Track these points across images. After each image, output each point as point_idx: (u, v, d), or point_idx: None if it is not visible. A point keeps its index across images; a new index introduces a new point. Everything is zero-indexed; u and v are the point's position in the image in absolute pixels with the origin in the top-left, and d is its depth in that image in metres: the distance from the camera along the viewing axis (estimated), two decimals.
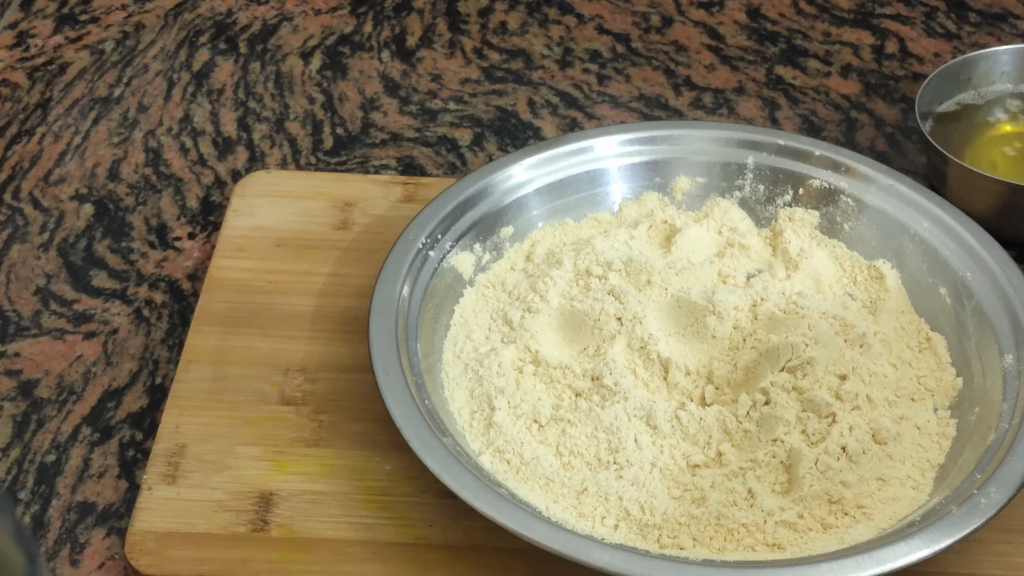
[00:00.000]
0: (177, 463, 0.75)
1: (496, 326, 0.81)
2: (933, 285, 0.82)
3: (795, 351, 0.77)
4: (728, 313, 0.80)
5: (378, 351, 0.75)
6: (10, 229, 0.91)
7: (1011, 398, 0.75)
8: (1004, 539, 0.72)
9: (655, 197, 0.88)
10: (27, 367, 0.82)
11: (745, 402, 0.76)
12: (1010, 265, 0.80)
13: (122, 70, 1.03)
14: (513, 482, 0.73)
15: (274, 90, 1.02)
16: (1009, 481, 0.70)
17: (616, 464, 0.73)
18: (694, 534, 0.71)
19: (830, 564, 0.67)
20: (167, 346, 0.84)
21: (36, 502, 0.75)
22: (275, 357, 0.80)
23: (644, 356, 0.78)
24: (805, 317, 0.80)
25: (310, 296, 0.84)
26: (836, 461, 0.73)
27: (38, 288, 0.87)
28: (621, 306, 0.80)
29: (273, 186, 0.91)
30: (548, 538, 0.67)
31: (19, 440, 0.78)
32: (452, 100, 1.01)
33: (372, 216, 0.89)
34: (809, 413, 0.75)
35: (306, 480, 0.74)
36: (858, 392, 0.76)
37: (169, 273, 0.88)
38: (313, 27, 1.08)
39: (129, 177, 0.95)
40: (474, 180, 0.85)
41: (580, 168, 0.87)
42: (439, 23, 1.08)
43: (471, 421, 0.76)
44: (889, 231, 0.85)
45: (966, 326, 0.80)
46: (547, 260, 0.84)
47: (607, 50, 1.06)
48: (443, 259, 0.82)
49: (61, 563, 0.73)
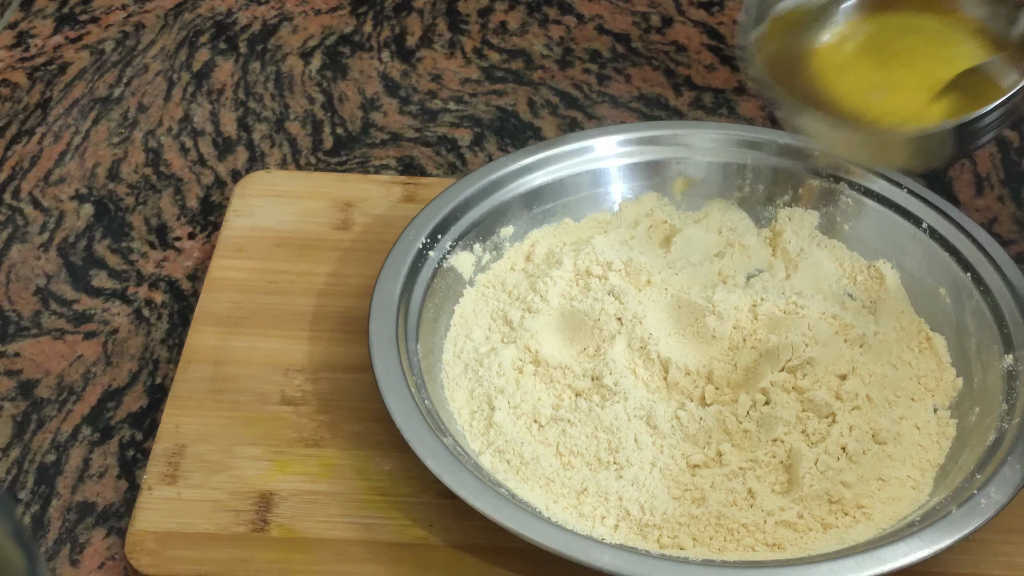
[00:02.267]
0: (177, 463, 0.75)
1: (496, 326, 0.81)
2: (933, 285, 0.82)
3: (795, 351, 0.77)
4: (728, 313, 0.80)
5: (378, 351, 0.75)
6: (10, 229, 0.91)
7: (1011, 398, 0.75)
8: (1004, 539, 0.72)
9: (655, 197, 0.88)
10: (27, 367, 0.82)
11: (745, 402, 0.76)
12: (1010, 265, 0.80)
13: (122, 70, 1.03)
14: (513, 482, 0.73)
15: (274, 90, 1.02)
16: (1009, 481, 0.70)
17: (616, 464, 0.73)
18: (694, 534, 0.71)
19: (830, 564, 0.67)
20: (167, 346, 0.84)
21: (36, 502, 0.75)
22: (275, 357, 0.80)
23: (644, 356, 0.78)
24: (805, 317, 0.80)
25: (310, 296, 0.84)
26: (836, 461, 0.73)
27: (38, 288, 0.87)
28: (621, 306, 0.80)
29: (273, 186, 0.91)
30: (548, 538, 0.67)
31: (19, 440, 0.78)
32: (452, 100, 1.01)
33: (372, 216, 0.89)
34: (809, 413, 0.75)
35: (306, 480, 0.74)
36: (858, 392, 0.76)
37: (169, 273, 0.88)
38: (313, 27, 1.08)
39: (129, 177, 0.95)
40: (474, 180, 0.85)
41: (580, 168, 0.87)
42: (439, 23, 1.08)
43: (471, 421, 0.76)
44: (889, 231, 0.85)
45: (966, 326, 0.80)
46: (547, 260, 0.84)
47: (607, 50, 1.06)
48: (443, 259, 0.82)
49: (61, 563, 0.73)
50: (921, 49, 0.80)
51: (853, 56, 0.81)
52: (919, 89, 0.78)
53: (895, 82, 0.79)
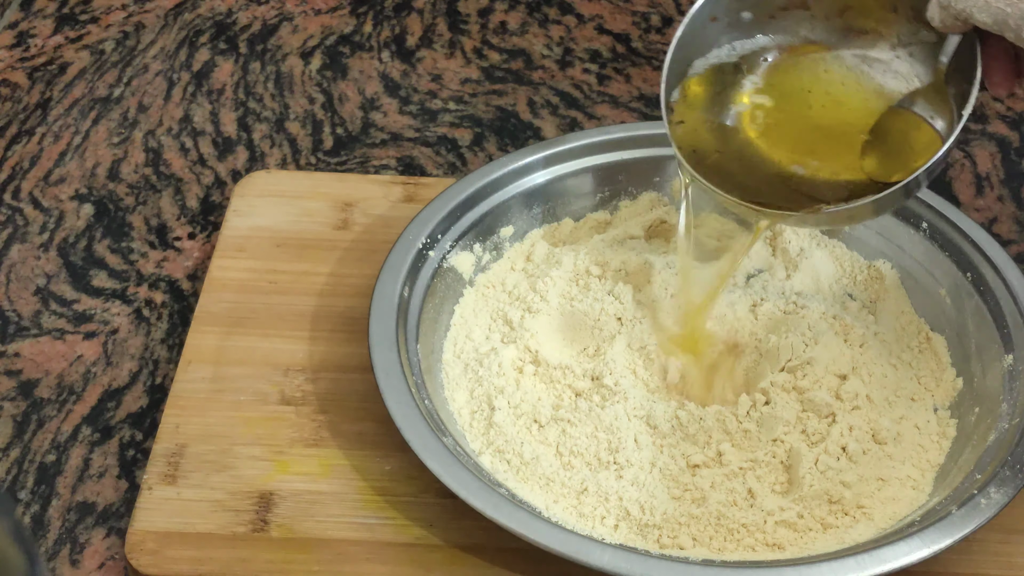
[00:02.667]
0: (177, 463, 0.75)
1: (496, 326, 0.81)
2: (933, 285, 0.82)
3: (795, 351, 0.77)
4: (728, 313, 0.80)
5: (378, 351, 0.75)
6: (10, 229, 0.91)
7: (1011, 398, 0.75)
8: (1004, 539, 0.72)
9: (655, 197, 0.88)
10: (27, 367, 0.82)
11: (745, 402, 0.76)
12: (1010, 265, 0.80)
13: (122, 70, 1.03)
14: (513, 482, 0.73)
15: (274, 90, 1.02)
16: (1009, 481, 0.70)
17: (616, 464, 0.73)
18: (694, 534, 0.71)
19: (830, 564, 0.67)
20: (167, 346, 0.84)
21: (36, 502, 0.75)
22: (275, 357, 0.80)
23: (644, 356, 0.78)
24: (805, 317, 0.80)
25: (310, 296, 0.84)
26: (836, 461, 0.73)
27: (38, 288, 0.87)
28: (621, 306, 0.80)
29: (273, 186, 0.91)
30: (548, 538, 0.67)
31: (19, 440, 0.78)
32: (452, 100, 1.01)
33: (372, 216, 0.89)
34: (809, 413, 0.75)
35: (306, 480, 0.74)
36: (858, 392, 0.76)
37: (169, 273, 0.88)
38: (313, 27, 1.08)
39: (129, 177, 0.95)
40: (474, 180, 0.85)
41: (580, 168, 0.87)
42: (439, 23, 1.08)
43: (471, 421, 0.76)
44: (889, 231, 0.85)
45: (966, 326, 0.80)
46: (547, 260, 0.84)
47: (607, 50, 1.06)
48: (443, 259, 0.82)
49: (61, 563, 0.73)
50: (840, 95, 0.75)
51: (776, 117, 0.76)
52: (847, 146, 0.73)
53: (822, 143, 0.74)
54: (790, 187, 0.73)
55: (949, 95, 0.71)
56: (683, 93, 0.75)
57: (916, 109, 0.73)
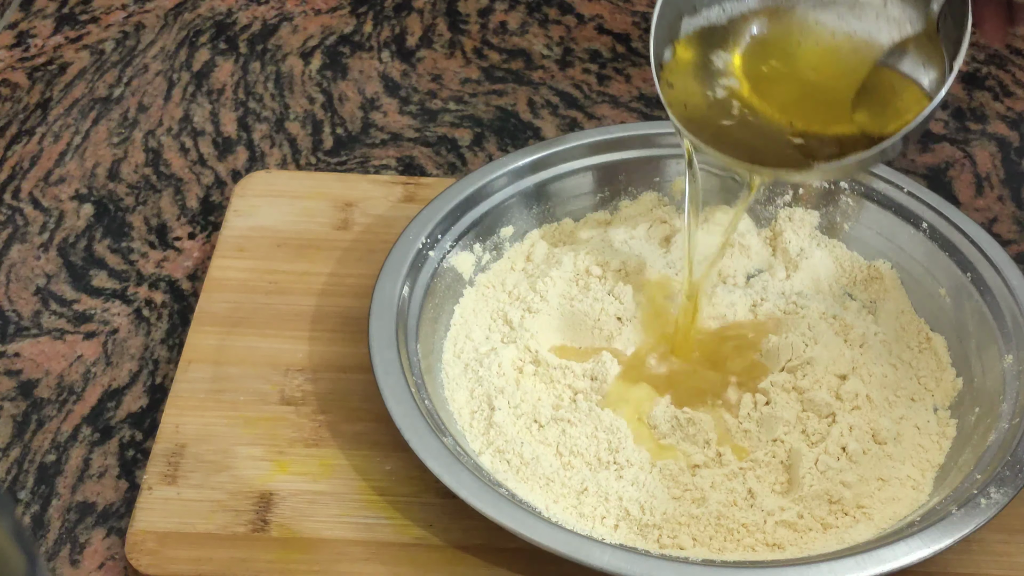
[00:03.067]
0: (177, 463, 0.75)
1: (496, 326, 0.81)
2: (933, 285, 0.82)
3: (795, 351, 0.77)
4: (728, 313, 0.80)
5: (378, 351, 0.75)
6: (10, 229, 0.91)
7: (1011, 398, 0.75)
8: (1004, 539, 0.72)
9: (655, 197, 0.88)
10: (27, 367, 0.82)
11: (745, 402, 0.76)
12: (1010, 265, 0.80)
13: (122, 70, 1.03)
14: (513, 482, 0.73)
15: (274, 90, 1.02)
16: (1009, 481, 0.70)
17: (616, 464, 0.73)
18: (694, 534, 0.71)
19: (830, 564, 0.67)
20: (167, 346, 0.84)
21: (36, 502, 0.75)
22: (275, 357, 0.80)
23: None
24: (805, 317, 0.80)
25: (310, 296, 0.84)
26: (836, 461, 0.73)
27: (38, 288, 0.87)
28: (621, 306, 0.80)
29: (273, 186, 0.91)
30: (548, 538, 0.67)
31: (19, 440, 0.78)
32: (452, 100, 1.01)
33: (372, 216, 0.89)
34: (809, 413, 0.75)
35: (306, 480, 0.74)
36: (858, 392, 0.76)
37: (169, 273, 0.88)
38: (313, 27, 1.08)
39: (129, 177, 0.95)
40: (474, 180, 0.85)
41: (580, 168, 0.87)
42: (439, 23, 1.08)
43: (471, 421, 0.76)
44: (889, 231, 0.85)
45: (966, 326, 0.80)
46: (547, 260, 0.84)
47: (607, 50, 1.06)
48: (443, 259, 0.82)
49: (61, 563, 0.73)
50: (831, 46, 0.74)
51: (766, 72, 0.75)
52: (839, 98, 0.73)
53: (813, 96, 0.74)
54: (782, 142, 0.73)
55: (940, 43, 0.71)
56: (674, 52, 0.75)
57: (907, 61, 0.72)
